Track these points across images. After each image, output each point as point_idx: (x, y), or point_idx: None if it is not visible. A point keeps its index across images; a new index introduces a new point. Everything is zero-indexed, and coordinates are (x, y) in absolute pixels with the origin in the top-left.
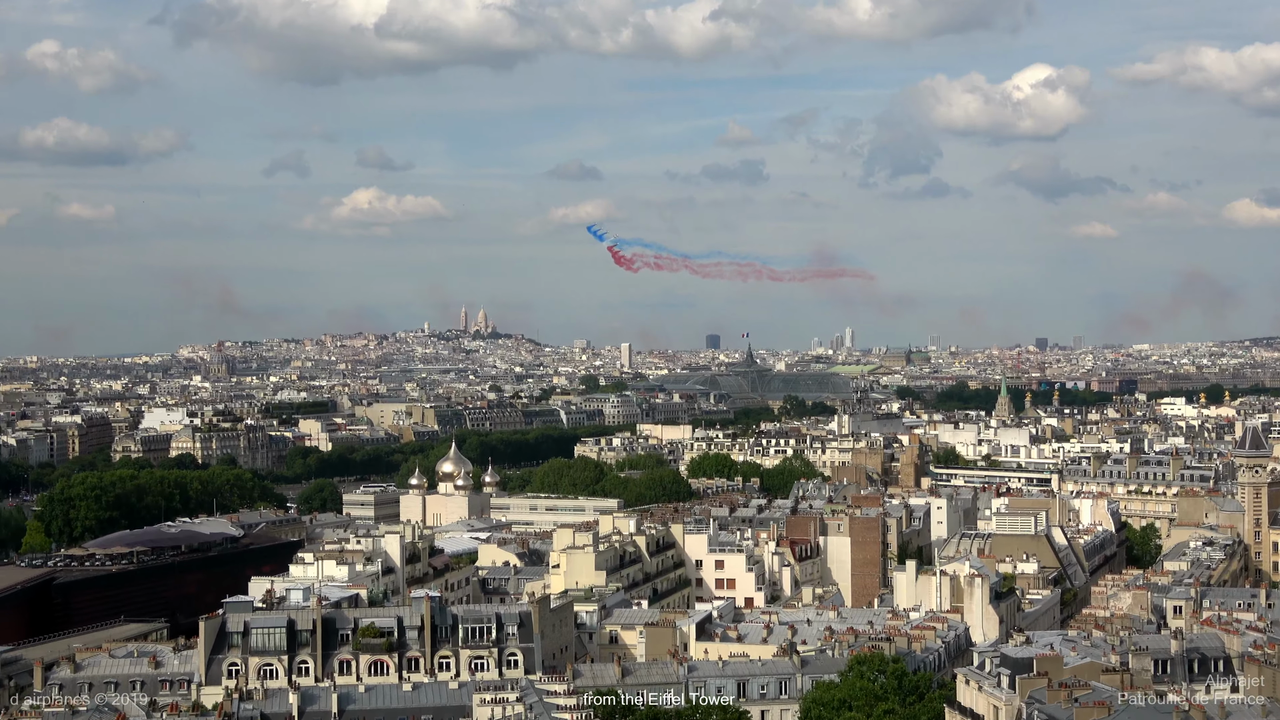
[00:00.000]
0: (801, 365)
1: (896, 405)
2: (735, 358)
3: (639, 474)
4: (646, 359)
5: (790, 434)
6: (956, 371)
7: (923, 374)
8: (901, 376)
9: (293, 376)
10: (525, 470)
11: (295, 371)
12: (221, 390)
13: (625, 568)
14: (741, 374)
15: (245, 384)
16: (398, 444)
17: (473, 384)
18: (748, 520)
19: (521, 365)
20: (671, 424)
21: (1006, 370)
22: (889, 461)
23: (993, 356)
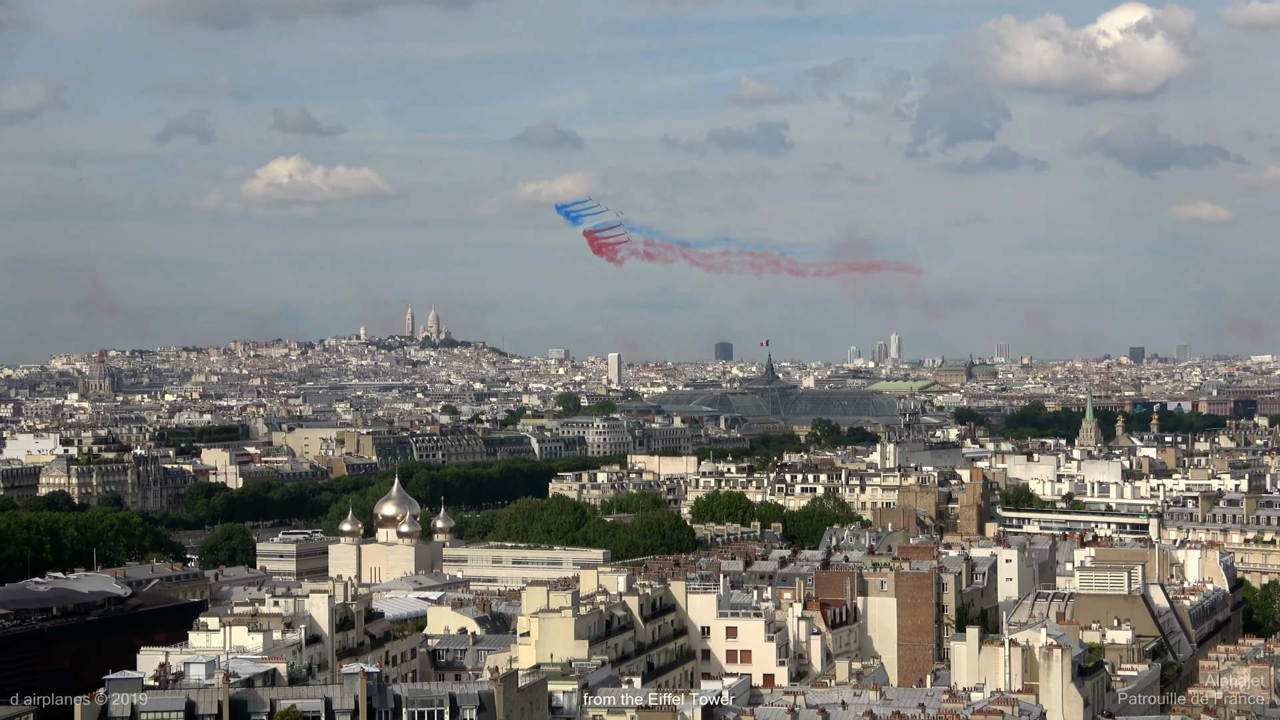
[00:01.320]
0: (835, 381)
1: (954, 432)
2: (751, 372)
3: (630, 518)
4: (640, 374)
5: (821, 468)
6: (1030, 389)
7: (987, 392)
8: (961, 395)
9: (194, 395)
10: (487, 513)
11: (197, 388)
12: (104, 412)
13: (613, 636)
14: (759, 392)
15: (134, 404)
16: (326, 480)
17: (421, 404)
18: (767, 576)
19: (482, 381)
20: (671, 455)
21: (1092, 388)
22: (945, 502)
23: (1075, 370)
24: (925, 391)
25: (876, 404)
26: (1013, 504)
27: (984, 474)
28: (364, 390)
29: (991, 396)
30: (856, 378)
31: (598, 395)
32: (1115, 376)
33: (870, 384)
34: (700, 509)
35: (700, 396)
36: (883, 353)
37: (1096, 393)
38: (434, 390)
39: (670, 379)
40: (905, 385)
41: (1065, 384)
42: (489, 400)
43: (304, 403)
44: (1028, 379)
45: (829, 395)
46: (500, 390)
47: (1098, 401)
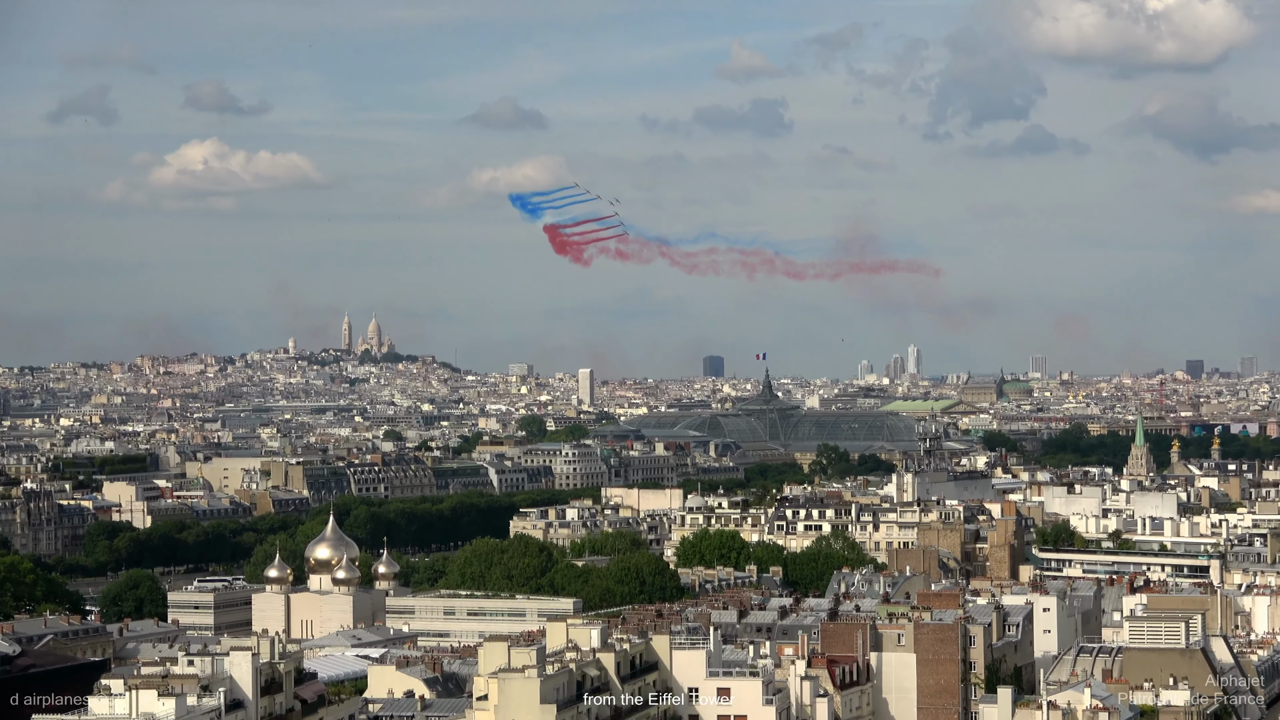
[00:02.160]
0: (843, 401)
1: (983, 459)
2: (746, 390)
3: (605, 561)
4: (615, 392)
5: (827, 502)
6: (1070, 410)
7: (1021, 413)
8: (990, 417)
9: (93, 419)
10: (437, 556)
11: (97, 411)
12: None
13: (585, 700)
14: (755, 414)
15: (22, 429)
16: (249, 518)
17: (360, 429)
18: (765, 629)
19: (432, 402)
20: (653, 487)
21: (1143, 407)
22: (972, 542)
23: (1122, 388)
24: (948, 412)
25: (892, 427)
26: (1051, 543)
27: (1017, 508)
28: (293, 413)
29: (1026, 418)
30: (868, 396)
31: (566, 418)
32: (1169, 394)
33: (884, 404)
34: (687, 550)
35: (686, 419)
36: (899, 367)
37: (1148, 413)
38: (375, 413)
39: (651, 398)
40: (925, 405)
41: (1111, 403)
42: (439, 424)
43: (223, 428)
44: (1068, 397)
45: (836, 417)
46: (452, 412)
47: (1149, 423)
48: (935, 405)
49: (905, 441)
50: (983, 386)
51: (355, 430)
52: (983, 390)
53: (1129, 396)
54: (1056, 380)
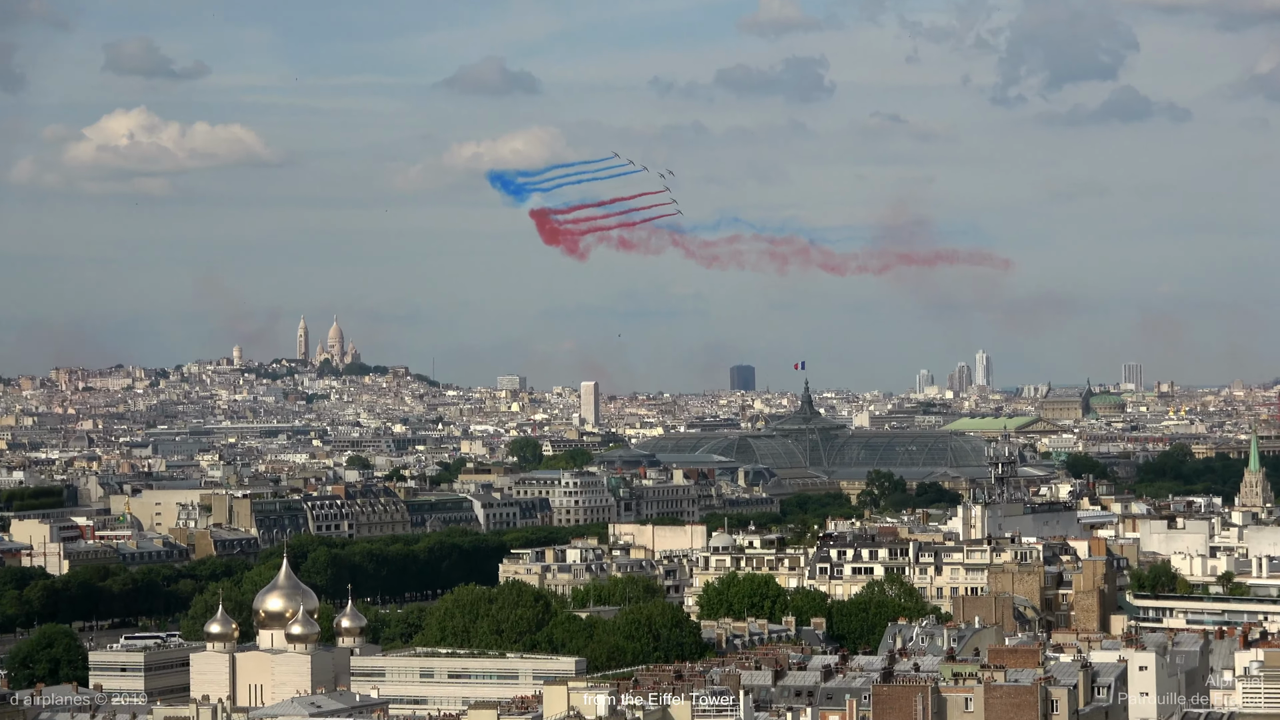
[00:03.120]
0: (898, 418)
1: (1067, 488)
2: (781, 406)
3: (613, 612)
4: (625, 410)
5: (880, 540)
6: (1171, 428)
7: (1112, 432)
8: (1074, 437)
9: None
10: (412, 607)
11: (3, 435)
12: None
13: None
14: (793, 434)
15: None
16: (186, 562)
17: (319, 455)
18: (806, 693)
19: (405, 422)
20: (671, 523)
21: (1259, 425)
22: (1054, 587)
23: (1234, 401)
24: (1024, 432)
25: (956, 450)
26: (1148, 589)
27: (1108, 547)
28: (239, 436)
29: (1117, 438)
30: (929, 413)
31: (566, 441)
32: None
33: (948, 421)
34: (711, 598)
35: (710, 441)
36: (964, 378)
37: (1264, 432)
38: (337, 435)
39: (668, 417)
40: (996, 423)
41: (1220, 420)
42: (414, 449)
43: (154, 454)
44: (1167, 413)
45: (890, 438)
46: (430, 434)
47: (1266, 444)
48: (1008, 423)
49: (973, 467)
50: (1065, 401)
51: (313, 456)
52: (1065, 405)
53: (1240, 412)
54: (1154, 392)
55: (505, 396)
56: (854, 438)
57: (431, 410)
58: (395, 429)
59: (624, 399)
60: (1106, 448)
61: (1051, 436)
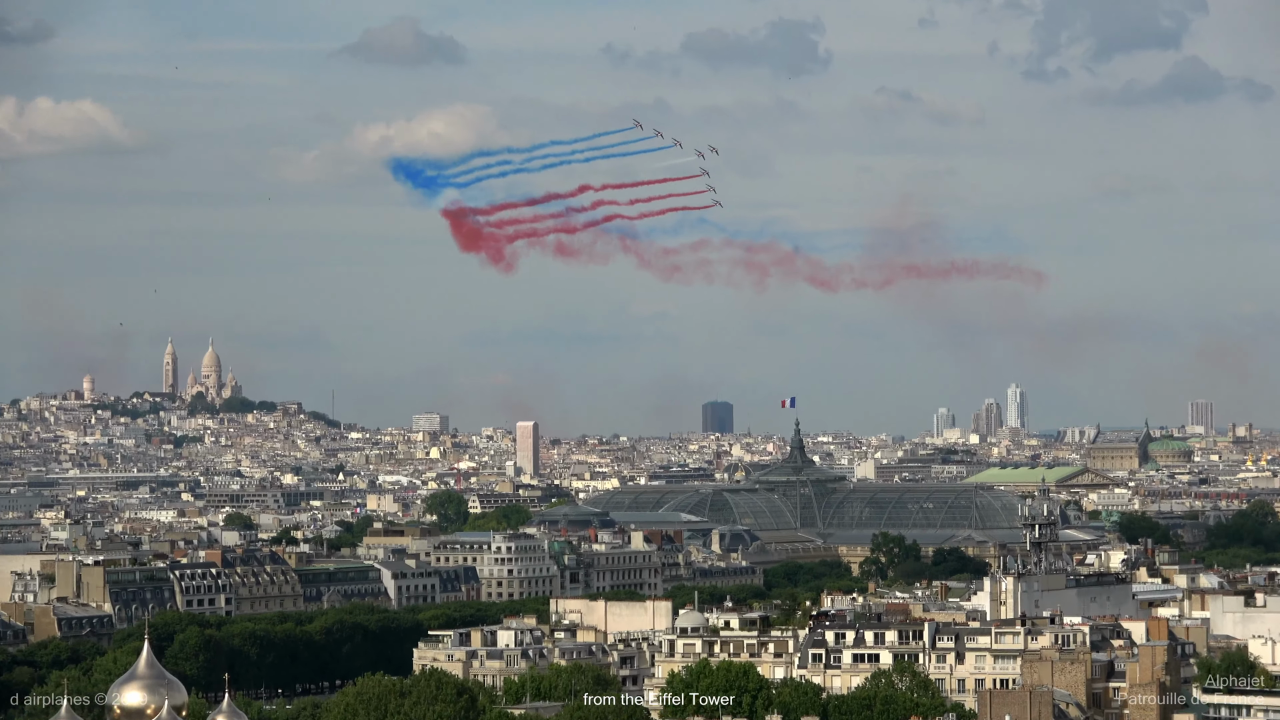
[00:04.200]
0: (911, 468)
1: (1120, 556)
2: (766, 453)
3: (556, 709)
4: (572, 457)
5: (888, 620)
6: (1251, 481)
7: (1175, 486)
8: (1129, 492)
9: None
10: (305, 702)
11: None
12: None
13: None
14: (780, 488)
15: None
16: (23, 645)
17: (191, 513)
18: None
19: (298, 471)
20: (628, 597)
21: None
22: (1104, 679)
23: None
24: (1068, 485)
25: (983, 507)
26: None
27: (1170, 629)
28: (89, 487)
29: (1182, 493)
30: (949, 462)
31: (498, 495)
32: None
33: (973, 472)
34: (678, 692)
35: (677, 496)
36: (993, 418)
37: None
38: (213, 487)
39: (624, 466)
40: (1033, 474)
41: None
42: (309, 504)
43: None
44: (1245, 463)
45: (900, 493)
46: (328, 487)
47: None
48: (1047, 475)
49: (1003, 529)
50: (1118, 447)
51: (183, 514)
52: (1118, 452)
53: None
54: (1228, 437)
55: (422, 440)
56: (856, 492)
57: (330, 457)
58: (285, 480)
59: (570, 443)
60: (1169, 505)
61: (1101, 491)
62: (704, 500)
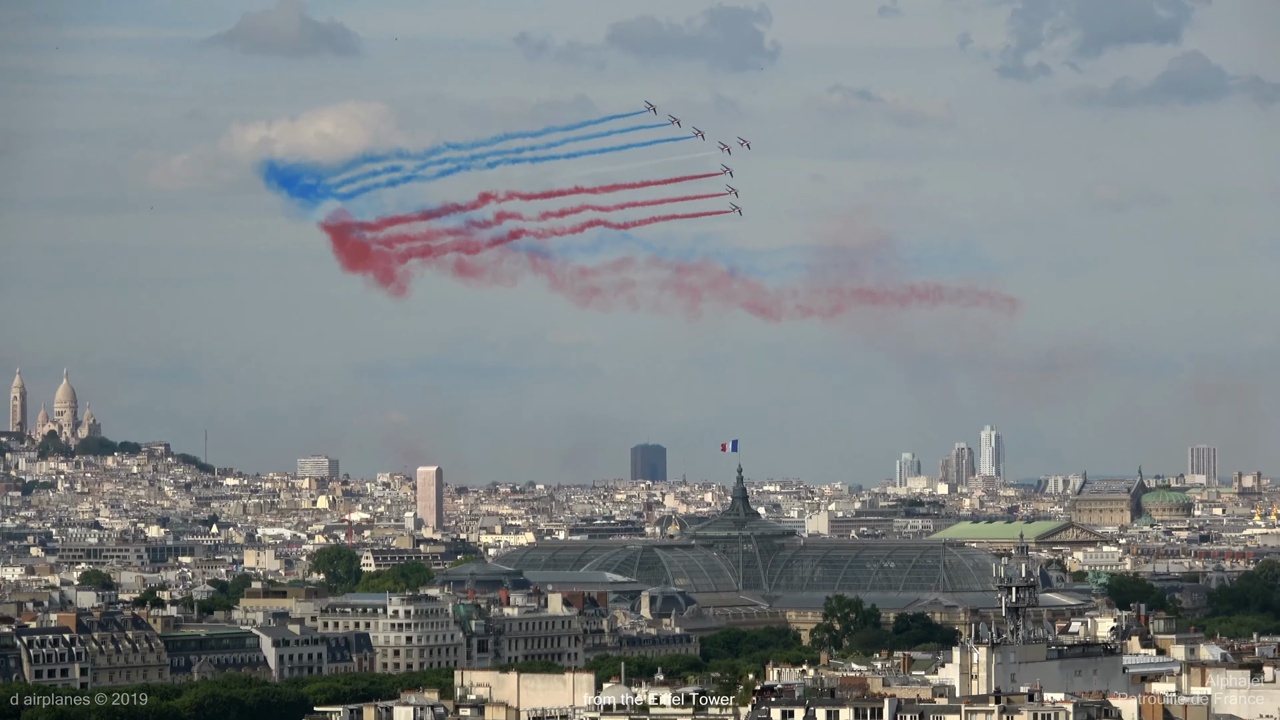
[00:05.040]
0: (871, 522)
1: (1109, 624)
2: (704, 504)
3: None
4: (481, 507)
5: (843, 696)
6: (1259, 539)
7: (1172, 544)
8: (1119, 550)
9: None
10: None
11: None
12: None
13: None
14: (720, 544)
15: None
16: None
17: (41, 569)
18: None
19: (166, 523)
20: (545, 669)
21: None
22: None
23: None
24: (1050, 542)
25: (953, 567)
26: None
27: (1165, 708)
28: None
29: (1181, 552)
30: (914, 515)
31: (396, 551)
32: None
33: (941, 526)
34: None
35: (602, 552)
36: (964, 466)
37: None
38: (66, 540)
39: (541, 518)
40: (1011, 529)
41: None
42: (177, 561)
43: None
44: (1253, 517)
45: (858, 550)
46: (200, 540)
47: None
48: (1026, 530)
49: (975, 592)
50: (1107, 499)
51: (31, 571)
52: (1107, 505)
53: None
54: (1233, 488)
55: (308, 487)
56: (807, 549)
57: (202, 506)
58: (151, 532)
59: (478, 492)
60: (1165, 566)
61: (1087, 549)
62: (632, 558)
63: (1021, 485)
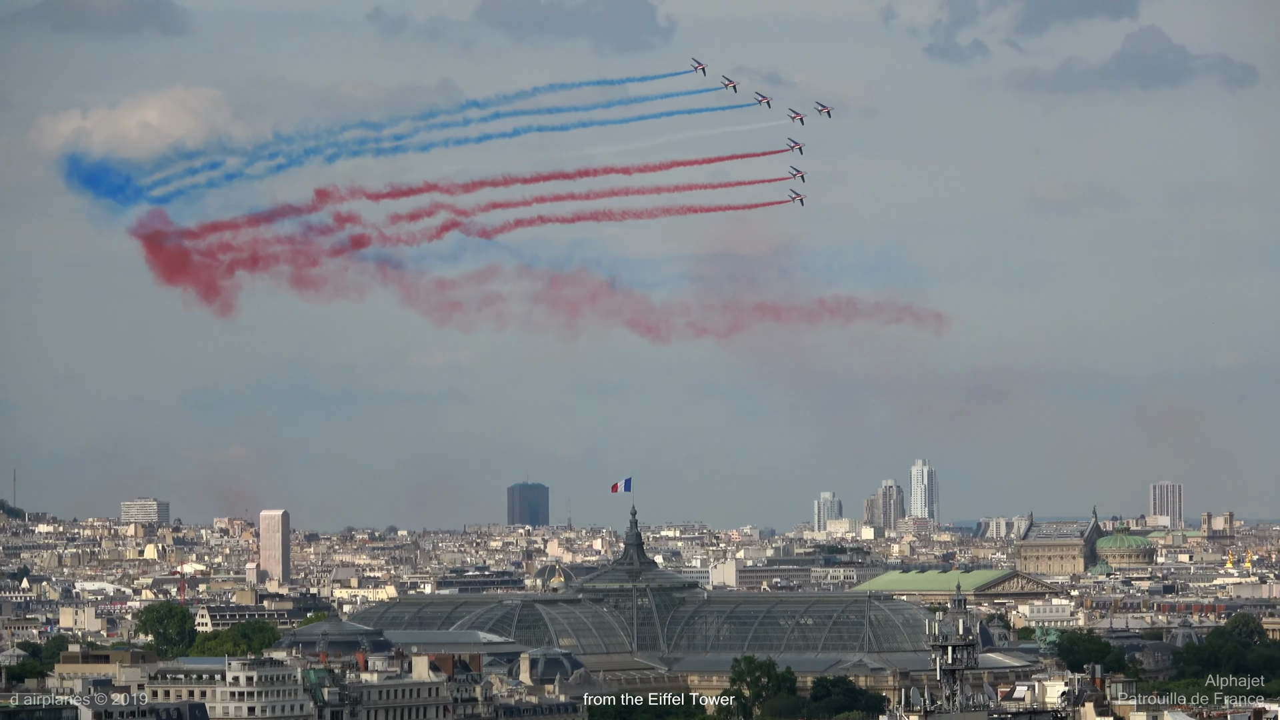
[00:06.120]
0: (785, 572)
1: (1058, 689)
2: (593, 551)
3: None
4: (334, 556)
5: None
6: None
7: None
8: (1071, 603)
9: None
10: None
11: None
12: None
13: None
14: (611, 598)
15: None
16: None
17: None
18: None
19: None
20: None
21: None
22: None
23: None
24: (990, 594)
25: (879, 623)
26: None
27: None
28: None
29: (1141, 605)
30: (834, 563)
31: (237, 608)
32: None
33: (866, 577)
34: None
35: (474, 609)
36: (892, 506)
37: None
38: None
39: (404, 569)
40: (946, 580)
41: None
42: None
43: None
44: (1224, 565)
45: (770, 604)
46: (10, 597)
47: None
48: (964, 580)
49: (906, 652)
50: (1057, 544)
51: None
52: (1057, 550)
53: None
54: (1200, 531)
55: (134, 535)
56: (711, 604)
57: (11, 557)
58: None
59: (330, 539)
60: (1124, 621)
61: (1034, 603)
62: (509, 614)
63: (958, 528)
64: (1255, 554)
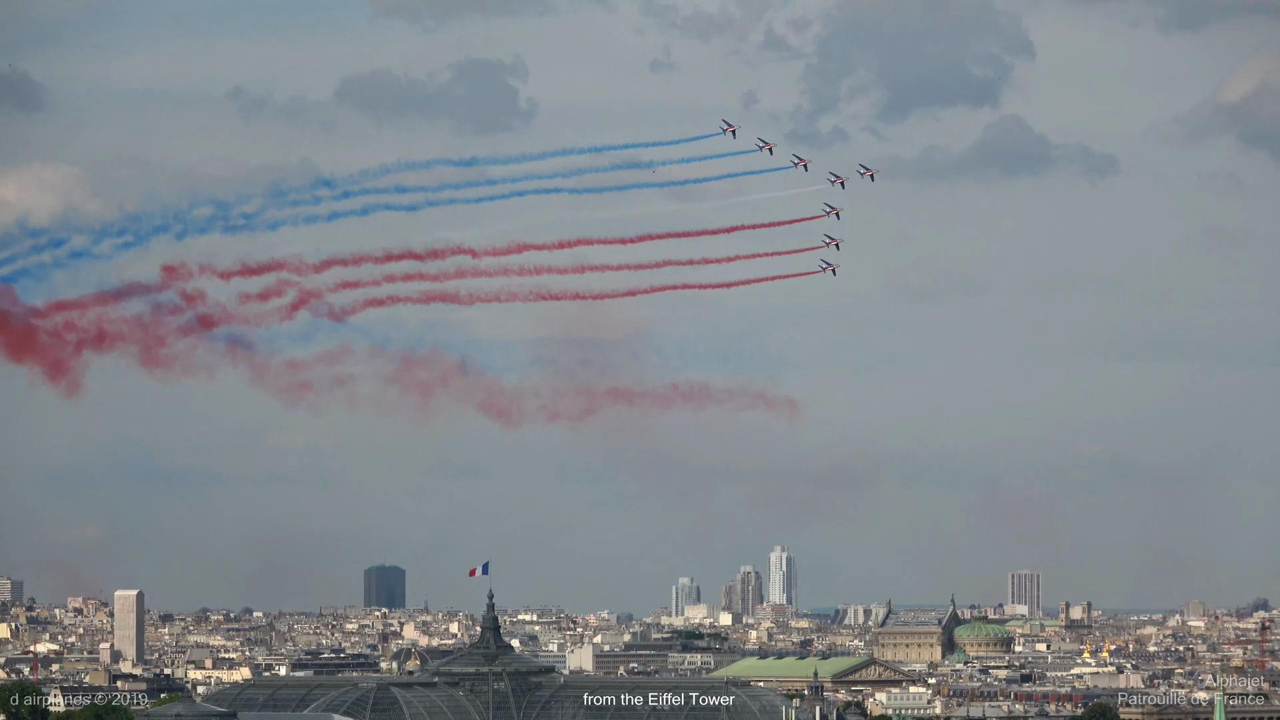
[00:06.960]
0: (643, 658)
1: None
2: (449, 634)
3: None
4: (189, 637)
5: None
6: (1089, 679)
7: (992, 684)
8: (929, 690)
9: None
10: None
11: None
12: None
13: None
14: (469, 682)
15: None
16: None
17: None
18: None
19: None
20: None
21: (1229, 675)
22: None
23: (1188, 636)
24: (847, 681)
25: (737, 709)
26: None
27: None
28: None
29: (999, 693)
30: (692, 649)
31: (90, 688)
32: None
33: (724, 663)
34: None
35: (329, 691)
36: (750, 592)
37: (1236, 686)
38: None
39: (259, 650)
40: (804, 666)
41: (1167, 666)
42: None
43: None
44: (1083, 654)
45: (628, 690)
46: None
47: (1240, 708)
48: (821, 667)
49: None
50: (915, 632)
51: None
52: (915, 638)
53: (1199, 653)
54: (1059, 620)
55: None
56: (568, 688)
57: None
58: None
59: (186, 620)
60: (981, 709)
61: (892, 690)
62: (365, 697)
63: (817, 615)
64: (1113, 644)
